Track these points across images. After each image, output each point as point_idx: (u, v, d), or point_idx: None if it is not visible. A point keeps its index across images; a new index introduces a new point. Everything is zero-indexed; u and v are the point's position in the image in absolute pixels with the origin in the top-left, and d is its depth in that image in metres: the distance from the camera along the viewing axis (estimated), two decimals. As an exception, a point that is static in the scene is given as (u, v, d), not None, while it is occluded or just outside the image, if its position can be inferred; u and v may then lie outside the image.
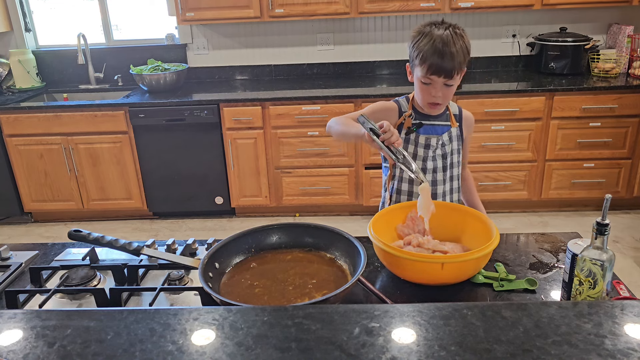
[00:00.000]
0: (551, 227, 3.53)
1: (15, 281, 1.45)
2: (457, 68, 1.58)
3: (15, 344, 0.87)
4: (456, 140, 1.76)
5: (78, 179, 3.67)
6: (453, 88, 1.63)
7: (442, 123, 1.74)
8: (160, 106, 3.48)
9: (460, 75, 1.63)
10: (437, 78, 1.58)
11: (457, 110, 1.79)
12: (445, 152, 1.73)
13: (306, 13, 3.52)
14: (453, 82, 1.61)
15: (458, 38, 1.58)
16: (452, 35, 1.57)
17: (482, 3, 3.47)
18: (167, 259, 1.39)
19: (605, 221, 1.08)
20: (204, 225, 3.80)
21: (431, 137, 1.71)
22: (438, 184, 1.76)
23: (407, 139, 1.72)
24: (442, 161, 1.74)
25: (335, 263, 1.39)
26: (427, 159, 1.72)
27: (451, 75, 1.58)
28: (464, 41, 1.60)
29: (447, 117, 1.76)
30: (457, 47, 1.56)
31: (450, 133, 1.74)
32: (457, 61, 1.56)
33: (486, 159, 3.52)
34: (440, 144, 1.72)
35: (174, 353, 0.83)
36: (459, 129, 1.77)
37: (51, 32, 4.22)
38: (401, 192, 1.79)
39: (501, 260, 1.46)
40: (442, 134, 1.73)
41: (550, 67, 3.65)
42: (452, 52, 1.55)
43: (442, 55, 1.55)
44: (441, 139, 1.72)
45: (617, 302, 0.95)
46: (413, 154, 1.72)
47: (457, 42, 1.57)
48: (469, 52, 1.61)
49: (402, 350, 0.82)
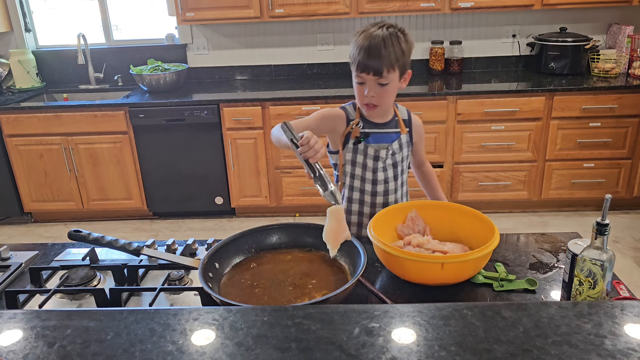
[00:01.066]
0: (551, 227, 3.53)
1: (15, 281, 1.45)
2: (387, 66, 1.53)
3: (15, 344, 0.87)
4: (406, 147, 1.72)
5: (78, 179, 3.67)
6: (388, 88, 1.58)
7: (390, 130, 1.69)
8: (160, 106, 3.48)
9: (397, 75, 1.58)
10: (366, 76, 1.55)
11: (406, 115, 1.75)
12: (396, 160, 1.69)
13: (306, 13, 3.52)
14: (386, 82, 1.56)
15: (392, 37, 1.54)
16: (386, 34, 1.53)
17: (482, 3, 3.47)
18: (167, 259, 1.39)
19: (605, 221, 1.08)
20: (204, 225, 3.80)
21: (381, 149, 1.67)
22: (390, 193, 1.72)
23: (355, 149, 1.67)
24: (392, 170, 1.70)
25: (335, 263, 1.39)
26: (378, 170, 1.68)
27: (380, 73, 1.53)
28: (399, 41, 1.54)
29: (396, 124, 1.71)
30: (388, 46, 1.52)
31: (400, 140, 1.69)
32: (387, 59, 1.52)
33: (486, 159, 3.52)
34: (390, 153, 1.68)
35: (174, 353, 0.83)
36: (408, 135, 1.72)
37: (51, 32, 4.22)
38: (352, 201, 1.74)
39: (501, 260, 1.46)
40: (391, 142, 1.68)
41: (550, 67, 3.65)
42: (381, 50, 1.52)
43: (370, 53, 1.52)
44: (391, 147, 1.68)
45: (617, 302, 0.95)
46: (362, 164, 1.68)
47: (390, 41, 1.53)
48: (404, 53, 1.56)
49: (402, 350, 0.82)
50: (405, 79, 1.63)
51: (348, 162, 1.70)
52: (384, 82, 1.56)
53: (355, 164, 1.70)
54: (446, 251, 1.37)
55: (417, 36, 3.92)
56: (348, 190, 1.74)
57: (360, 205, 1.73)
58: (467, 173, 3.56)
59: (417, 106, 3.40)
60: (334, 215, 1.33)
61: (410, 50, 1.60)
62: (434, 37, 3.90)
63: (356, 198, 1.73)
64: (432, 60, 3.88)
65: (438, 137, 3.47)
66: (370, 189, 1.71)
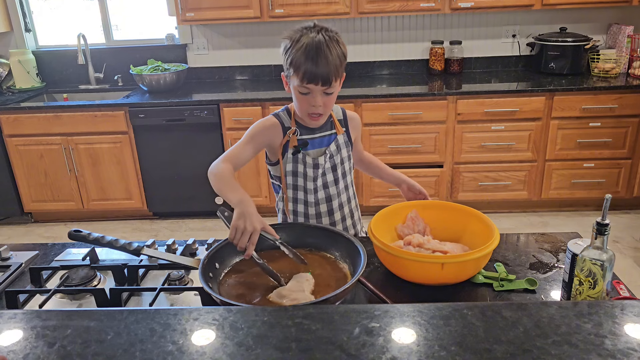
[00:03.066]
0: (551, 227, 3.53)
1: (16, 281, 1.45)
2: (335, 75, 1.46)
3: (16, 344, 0.87)
4: (345, 147, 1.66)
5: (78, 179, 3.67)
6: (334, 96, 1.52)
7: (326, 133, 1.64)
8: (160, 106, 3.48)
9: (340, 82, 1.52)
10: (314, 86, 1.46)
11: (341, 115, 1.68)
12: (335, 163, 1.64)
13: (306, 13, 3.52)
14: (333, 90, 1.50)
15: (332, 42, 1.46)
16: (325, 39, 1.45)
17: (482, 3, 3.47)
18: (167, 259, 1.39)
19: (605, 221, 1.08)
20: (204, 225, 3.80)
21: (319, 156, 1.62)
22: (332, 198, 1.66)
23: (295, 159, 1.61)
24: (332, 174, 1.65)
25: (335, 263, 1.39)
26: (317, 178, 1.62)
27: (329, 83, 1.46)
28: (339, 45, 1.48)
29: (331, 125, 1.64)
30: (332, 52, 1.44)
31: (337, 142, 1.63)
32: (334, 67, 1.45)
33: (486, 159, 3.52)
34: (328, 157, 1.62)
35: (174, 353, 0.83)
36: (345, 134, 1.66)
37: (51, 32, 4.22)
38: (298, 214, 1.68)
39: (501, 260, 1.46)
40: (328, 144, 1.63)
41: (550, 67, 3.65)
42: (327, 58, 1.43)
43: (317, 62, 1.43)
44: (329, 150, 1.62)
45: (617, 302, 0.95)
46: (303, 173, 1.62)
47: (332, 47, 1.45)
48: (345, 57, 1.49)
49: (402, 350, 0.82)
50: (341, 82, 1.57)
51: (289, 174, 1.64)
52: (330, 91, 1.49)
53: (296, 174, 1.63)
54: (446, 251, 1.37)
55: (417, 36, 3.92)
56: (292, 204, 1.67)
57: (306, 218, 1.67)
58: (467, 173, 3.56)
59: (417, 106, 3.40)
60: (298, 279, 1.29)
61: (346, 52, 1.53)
62: (434, 37, 3.90)
63: (301, 211, 1.67)
64: (432, 60, 3.88)
65: (438, 137, 3.47)
66: (312, 199, 1.64)
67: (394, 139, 3.48)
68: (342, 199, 1.69)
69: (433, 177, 3.57)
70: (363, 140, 3.48)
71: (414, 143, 3.48)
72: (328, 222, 1.68)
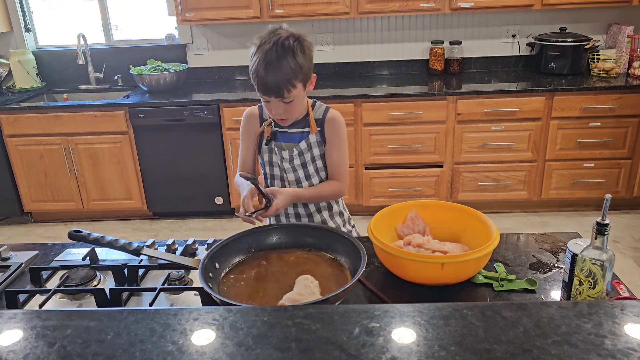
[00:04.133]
0: (551, 227, 3.53)
1: (15, 281, 1.45)
2: (287, 88, 1.48)
3: (16, 344, 0.87)
4: (317, 147, 1.67)
5: (78, 179, 3.67)
6: (294, 103, 1.54)
7: (298, 130, 1.67)
8: (160, 106, 3.48)
9: (300, 88, 1.53)
10: (269, 98, 1.51)
11: (321, 115, 1.68)
12: (305, 160, 1.66)
13: (306, 13, 3.52)
14: (290, 99, 1.52)
15: (287, 54, 1.46)
16: (277, 52, 1.45)
17: (482, 3, 3.47)
18: (167, 259, 1.39)
19: (605, 221, 1.08)
20: (204, 225, 3.80)
21: (287, 149, 1.66)
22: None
23: (269, 149, 1.69)
24: (302, 170, 1.68)
25: (335, 263, 1.39)
26: (288, 171, 1.68)
27: (281, 95, 1.49)
28: (295, 56, 1.47)
29: (306, 123, 1.67)
30: (282, 66, 1.45)
31: (308, 140, 1.65)
32: (285, 80, 1.47)
33: (486, 159, 3.52)
34: (296, 153, 1.65)
35: (174, 353, 0.83)
36: (319, 134, 1.66)
37: (51, 32, 4.22)
38: None
39: (501, 260, 1.46)
40: (299, 141, 1.66)
41: (550, 67, 3.65)
42: (277, 72, 1.45)
43: (267, 76, 1.46)
44: (298, 147, 1.65)
45: (617, 302, 0.95)
46: (277, 164, 1.69)
47: (284, 59, 1.45)
48: (302, 66, 1.49)
49: (402, 350, 0.82)
50: (311, 83, 1.58)
51: (267, 163, 1.72)
52: (287, 101, 1.52)
53: (272, 165, 1.71)
54: (446, 251, 1.37)
55: (417, 36, 3.92)
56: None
57: None
58: (467, 173, 3.56)
59: (417, 106, 3.40)
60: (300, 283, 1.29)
61: (310, 56, 1.53)
62: (434, 37, 3.90)
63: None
64: (432, 60, 3.88)
65: (438, 137, 3.47)
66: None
67: (394, 139, 3.48)
68: None
69: (433, 177, 3.57)
70: (363, 141, 3.48)
71: (414, 143, 3.48)
72: (304, 212, 1.74)
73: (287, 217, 1.77)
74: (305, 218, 1.75)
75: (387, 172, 3.56)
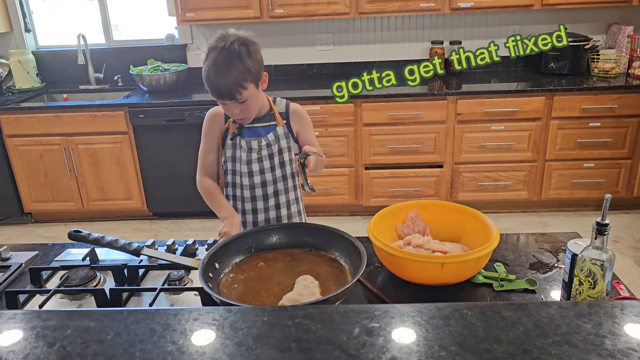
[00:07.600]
0: (551, 227, 3.53)
1: (15, 281, 1.45)
2: (237, 91, 1.53)
3: (16, 344, 0.87)
4: (285, 139, 1.73)
5: (78, 179, 3.67)
6: (249, 102, 1.58)
7: (265, 124, 1.72)
8: (160, 106, 3.48)
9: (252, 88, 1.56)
10: (224, 100, 1.57)
11: (284, 108, 1.75)
12: (272, 151, 1.72)
13: (306, 13, 3.52)
14: (244, 99, 1.56)
15: (232, 58, 1.51)
16: (224, 57, 1.51)
17: (482, 3, 3.47)
18: (167, 259, 1.39)
19: (605, 221, 1.08)
20: (204, 225, 3.80)
21: (252, 140, 1.70)
22: (268, 184, 1.75)
23: (233, 145, 1.72)
24: (269, 161, 1.73)
25: (335, 263, 1.39)
26: (252, 162, 1.72)
27: (234, 98, 1.54)
28: (242, 60, 1.52)
29: (271, 117, 1.73)
30: (231, 71, 1.50)
31: (276, 132, 1.72)
32: (235, 84, 1.51)
33: (486, 159, 3.52)
34: (264, 144, 1.71)
35: (174, 353, 0.83)
36: (286, 126, 1.74)
37: (51, 32, 4.22)
38: (236, 198, 1.79)
39: (501, 260, 1.46)
40: (265, 134, 1.71)
41: (550, 67, 3.65)
42: (227, 77, 1.51)
43: (217, 81, 1.52)
44: (265, 139, 1.71)
45: (617, 302, 0.95)
46: (239, 158, 1.72)
47: (233, 64, 1.51)
48: (250, 69, 1.53)
49: (402, 350, 0.82)
50: (263, 81, 1.62)
51: (229, 159, 1.76)
52: (241, 101, 1.56)
53: (234, 160, 1.75)
54: (446, 251, 1.37)
55: (417, 36, 3.92)
56: (231, 188, 1.80)
57: (241, 202, 1.78)
58: (467, 173, 3.56)
59: (417, 106, 3.40)
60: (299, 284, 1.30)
61: (257, 58, 1.57)
62: (434, 37, 3.90)
63: (238, 195, 1.78)
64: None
65: (438, 137, 3.47)
66: (247, 182, 1.75)
67: (394, 139, 3.48)
68: (278, 186, 1.77)
69: (433, 177, 3.57)
70: (363, 141, 3.48)
71: (414, 143, 3.48)
72: (262, 207, 1.77)
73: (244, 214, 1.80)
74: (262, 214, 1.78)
75: (387, 172, 3.56)
